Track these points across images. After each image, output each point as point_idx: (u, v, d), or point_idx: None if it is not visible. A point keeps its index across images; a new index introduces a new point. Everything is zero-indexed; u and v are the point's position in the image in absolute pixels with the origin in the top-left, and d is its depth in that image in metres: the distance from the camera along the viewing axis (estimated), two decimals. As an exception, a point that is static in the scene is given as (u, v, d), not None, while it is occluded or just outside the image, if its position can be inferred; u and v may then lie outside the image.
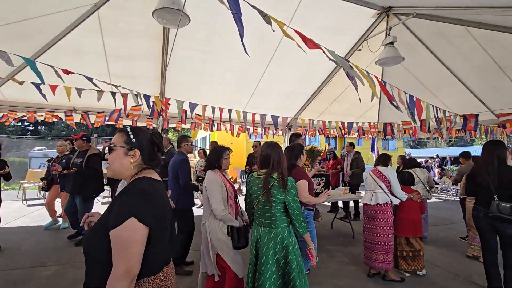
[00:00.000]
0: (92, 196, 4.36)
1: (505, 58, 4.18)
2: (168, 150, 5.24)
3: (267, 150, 2.13)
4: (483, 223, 2.91)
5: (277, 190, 2.01)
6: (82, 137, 4.37)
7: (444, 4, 3.33)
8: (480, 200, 2.97)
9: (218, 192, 2.37)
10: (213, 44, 4.52)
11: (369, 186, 3.54)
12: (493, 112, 5.48)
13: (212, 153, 2.65)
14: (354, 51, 4.97)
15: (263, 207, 2.07)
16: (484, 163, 2.93)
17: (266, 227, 2.07)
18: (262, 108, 6.41)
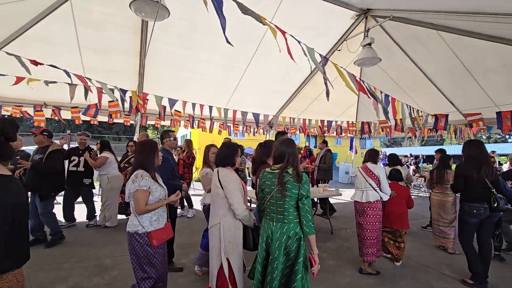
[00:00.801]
0: (50, 195, 4.07)
1: (472, 62, 4.44)
2: None
3: (283, 146, 2.11)
4: (481, 217, 3.14)
5: (292, 184, 2.01)
6: (42, 132, 4.07)
7: (418, 8, 3.48)
8: (476, 197, 3.15)
9: (238, 191, 2.30)
10: (194, 40, 4.43)
11: (359, 184, 3.62)
12: (461, 112, 5.82)
13: (226, 150, 2.50)
14: (334, 51, 5.07)
15: (276, 202, 2.05)
16: (479, 161, 3.13)
17: (279, 222, 2.05)
18: (243, 106, 6.39)
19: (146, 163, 2.20)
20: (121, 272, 3.24)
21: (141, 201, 2.07)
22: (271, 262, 2.01)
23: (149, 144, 2.32)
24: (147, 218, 2.13)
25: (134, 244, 2.10)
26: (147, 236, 2.10)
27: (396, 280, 3.33)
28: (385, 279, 3.32)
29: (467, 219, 3.23)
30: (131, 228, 2.12)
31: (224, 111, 5.65)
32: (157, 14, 2.56)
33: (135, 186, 2.07)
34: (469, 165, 3.21)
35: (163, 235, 2.21)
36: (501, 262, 3.99)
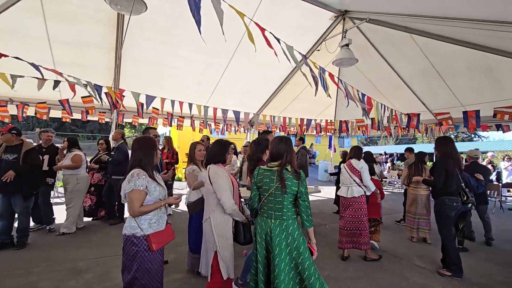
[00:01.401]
0: (31, 194, 3.91)
1: (441, 65, 4.71)
2: (118, 147, 4.87)
3: (280, 144, 2.15)
4: (458, 210, 3.39)
5: (291, 181, 2.04)
6: (10, 130, 3.83)
7: (392, 12, 3.63)
8: (453, 191, 3.37)
9: (227, 186, 2.32)
10: (173, 35, 4.34)
11: (344, 180, 3.84)
12: (431, 112, 6.15)
13: (217, 147, 2.50)
14: (314, 51, 5.17)
15: (275, 199, 2.07)
16: (456, 157, 3.38)
17: (277, 219, 2.07)
18: (224, 104, 6.35)
19: (144, 161, 2.06)
20: (96, 275, 3.12)
21: (136, 202, 1.92)
22: (273, 260, 2.02)
23: (147, 141, 2.17)
24: (146, 220, 2.00)
25: (130, 248, 1.96)
26: (145, 239, 1.96)
27: (371, 272, 3.47)
28: (361, 272, 3.44)
29: (448, 212, 3.39)
30: (128, 231, 1.97)
31: (204, 109, 5.58)
32: (134, 8, 2.48)
33: (130, 186, 1.93)
34: (448, 161, 3.38)
35: (163, 238, 2.07)
36: (465, 252, 4.26)
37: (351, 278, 3.26)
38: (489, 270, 3.62)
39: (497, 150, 24.23)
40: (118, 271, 3.22)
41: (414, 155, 5.03)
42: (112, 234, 4.53)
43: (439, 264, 3.61)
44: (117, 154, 4.79)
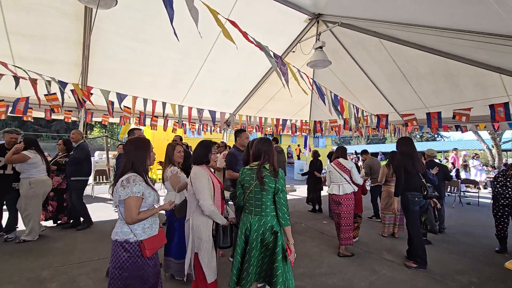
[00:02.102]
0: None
1: (407, 68, 4.99)
2: (79, 145, 4.62)
3: (259, 145, 2.29)
4: (420, 204, 3.67)
5: (269, 179, 2.16)
6: None
7: (363, 17, 3.78)
8: (415, 187, 3.64)
9: (206, 188, 2.27)
10: (146, 32, 4.20)
11: (335, 179, 4.07)
12: (398, 113, 6.50)
13: (200, 148, 2.47)
14: (289, 53, 5.25)
15: (255, 195, 2.19)
16: (415, 156, 3.65)
17: (257, 215, 2.19)
18: (200, 103, 6.26)
19: (137, 164, 1.96)
20: (61, 284, 2.93)
21: (134, 210, 1.86)
22: (249, 252, 2.15)
23: (141, 142, 2.06)
24: (140, 225, 1.94)
25: (121, 254, 1.86)
26: (138, 245, 1.89)
27: (344, 267, 3.60)
28: (334, 268, 3.56)
29: (411, 207, 3.64)
30: (120, 236, 1.88)
31: (178, 108, 5.45)
32: (103, 2, 2.36)
33: (126, 192, 1.84)
34: (405, 159, 3.67)
35: (156, 243, 2.01)
36: (429, 244, 4.57)
37: (325, 274, 3.36)
38: (449, 260, 3.90)
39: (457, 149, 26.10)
40: (87, 278, 3.08)
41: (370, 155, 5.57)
42: (79, 240, 4.29)
43: (403, 256, 3.84)
44: (76, 152, 4.51)
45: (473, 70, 4.25)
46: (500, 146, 16.31)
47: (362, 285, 3.15)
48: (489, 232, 5.04)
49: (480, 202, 8.29)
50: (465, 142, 27.20)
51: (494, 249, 4.31)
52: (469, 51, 3.85)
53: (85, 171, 4.75)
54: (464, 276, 3.41)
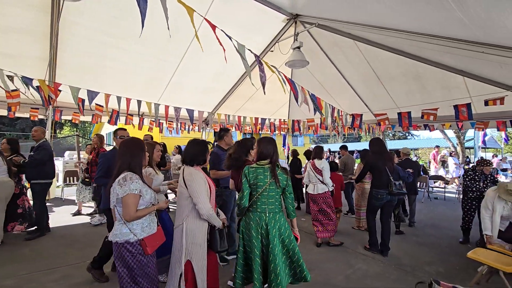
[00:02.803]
0: None
1: (380, 70, 5.20)
2: (40, 145, 4.29)
3: (268, 144, 2.38)
4: (385, 199, 3.94)
5: (281, 176, 2.31)
6: None
7: (338, 19, 3.89)
8: (381, 184, 3.92)
9: (203, 190, 2.20)
10: (120, 27, 4.03)
11: (311, 178, 4.36)
12: (372, 112, 6.76)
13: (194, 147, 2.36)
14: (267, 52, 5.28)
15: (269, 193, 2.28)
16: (384, 155, 3.99)
17: (271, 213, 2.28)
18: (177, 102, 6.12)
19: (133, 164, 1.99)
20: (28, 293, 2.76)
21: (132, 207, 1.89)
22: (272, 251, 2.20)
23: (135, 143, 2.08)
24: (139, 224, 1.97)
25: (125, 255, 1.91)
26: (139, 244, 1.94)
27: (321, 263, 3.69)
28: (312, 263, 3.64)
29: (373, 202, 4.03)
30: (120, 238, 1.91)
31: (154, 106, 5.30)
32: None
33: (124, 190, 1.87)
34: (377, 158, 3.99)
35: (156, 240, 2.06)
36: (401, 235, 4.84)
37: (303, 270, 3.42)
38: (419, 252, 4.13)
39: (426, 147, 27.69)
40: (56, 285, 2.91)
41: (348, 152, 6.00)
42: (47, 245, 4.06)
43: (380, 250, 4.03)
44: (38, 153, 4.17)
45: (440, 72, 4.51)
46: (464, 144, 17.51)
47: (338, 279, 3.25)
48: (454, 225, 5.39)
49: (446, 197, 8.85)
50: (433, 140, 28.89)
51: (458, 240, 4.62)
52: (436, 54, 4.08)
53: (48, 173, 4.37)
54: (432, 267, 3.62)
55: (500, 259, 2.87)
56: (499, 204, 3.22)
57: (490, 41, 2.91)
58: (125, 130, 3.29)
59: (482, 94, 4.54)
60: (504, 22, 2.57)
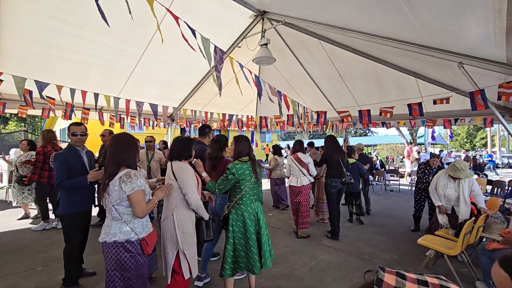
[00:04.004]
0: None
1: (343, 69, 5.43)
2: None
3: (246, 142, 2.64)
4: (338, 188, 4.47)
5: (259, 170, 2.67)
6: None
7: (304, 18, 3.97)
8: (335, 174, 4.48)
9: (192, 181, 2.31)
10: (73, 13, 3.68)
11: (294, 172, 4.61)
12: (336, 110, 7.05)
13: (180, 143, 2.44)
14: (235, 47, 5.22)
15: (253, 186, 2.57)
16: (337, 149, 4.61)
17: (257, 202, 2.63)
18: (140, 96, 5.81)
19: (129, 160, 1.94)
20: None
21: (143, 202, 1.90)
22: (263, 235, 2.53)
23: (129, 140, 2.02)
24: (140, 222, 1.95)
25: (122, 255, 1.84)
26: (139, 243, 1.91)
27: (287, 256, 3.79)
28: (277, 257, 3.72)
29: (330, 190, 4.49)
30: (119, 237, 1.84)
31: (114, 100, 4.98)
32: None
33: (132, 187, 1.83)
34: (332, 151, 4.57)
35: (154, 239, 2.07)
36: (361, 226, 5.16)
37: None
38: (376, 241, 4.43)
39: (384, 143, 29.73)
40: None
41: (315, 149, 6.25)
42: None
43: (340, 240, 4.28)
44: None
45: (396, 73, 4.84)
46: (416, 140, 19.14)
47: (302, 271, 3.37)
48: (406, 214, 5.87)
49: (401, 189, 9.60)
50: (390, 137, 31.10)
51: (410, 228, 5.05)
52: (392, 56, 4.37)
53: None
54: (387, 254, 3.91)
55: (444, 244, 3.19)
56: (442, 181, 3.79)
57: (438, 45, 3.18)
58: (81, 125, 3.02)
59: (431, 94, 4.96)
60: (449, 29, 2.83)
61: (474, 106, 3.70)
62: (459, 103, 5.03)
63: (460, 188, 3.63)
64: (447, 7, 2.49)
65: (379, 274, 0.57)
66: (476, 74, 3.39)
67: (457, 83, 4.36)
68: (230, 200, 2.59)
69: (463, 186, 3.61)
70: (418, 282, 0.52)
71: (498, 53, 2.87)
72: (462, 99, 4.63)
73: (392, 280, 0.54)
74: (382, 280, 0.55)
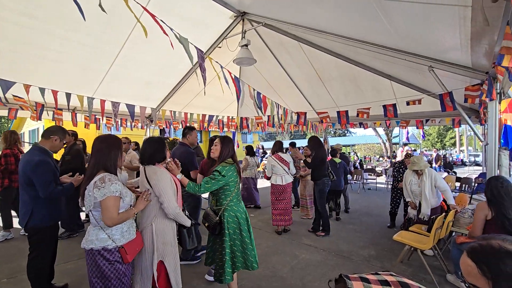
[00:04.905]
0: None
1: (322, 71, 5.55)
2: None
3: (230, 143, 2.67)
4: (328, 187, 4.73)
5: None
6: None
7: (284, 20, 4.01)
8: (325, 174, 4.73)
9: (169, 188, 2.14)
10: (45, 9, 3.48)
11: (277, 171, 4.78)
12: (315, 111, 7.19)
13: (151, 145, 2.26)
14: (215, 48, 5.18)
15: (239, 187, 2.64)
16: (324, 150, 4.83)
17: (241, 201, 2.70)
18: (116, 96, 5.61)
19: (109, 163, 1.83)
20: None
21: (114, 210, 1.75)
22: (252, 234, 2.65)
23: (112, 141, 1.92)
24: (118, 229, 1.84)
25: (101, 263, 1.75)
26: (118, 251, 1.80)
27: (268, 256, 3.81)
28: (259, 257, 3.72)
29: (323, 189, 4.66)
30: (96, 245, 1.75)
31: (88, 100, 4.77)
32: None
33: (103, 193, 1.71)
34: (323, 152, 4.67)
35: (136, 247, 1.94)
36: (340, 225, 5.30)
37: (251, 265, 3.48)
38: (354, 238, 4.56)
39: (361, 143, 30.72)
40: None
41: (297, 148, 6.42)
42: None
43: (320, 239, 4.35)
44: None
45: (371, 76, 5.02)
46: (391, 140, 19.94)
47: (284, 271, 3.39)
48: (383, 212, 6.09)
49: (378, 187, 9.95)
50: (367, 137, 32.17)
51: (386, 225, 5.24)
52: (368, 59, 4.52)
53: None
54: (365, 251, 4.03)
55: (418, 239, 3.34)
56: (408, 177, 4.08)
57: (410, 50, 3.34)
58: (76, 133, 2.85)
59: (404, 96, 5.19)
60: (420, 34, 2.97)
61: (443, 108, 3.92)
62: (430, 105, 5.30)
63: (422, 184, 3.86)
64: (419, 13, 2.61)
65: (348, 284, 0.59)
66: (445, 78, 3.59)
67: (428, 85, 4.60)
68: (220, 204, 2.52)
69: (424, 182, 3.84)
70: (380, 283, 0.55)
71: (464, 57, 3.06)
72: (432, 100, 4.88)
73: (361, 287, 0.56)
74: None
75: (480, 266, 0.83)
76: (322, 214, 4.69)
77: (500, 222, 2.41)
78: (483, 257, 0.84)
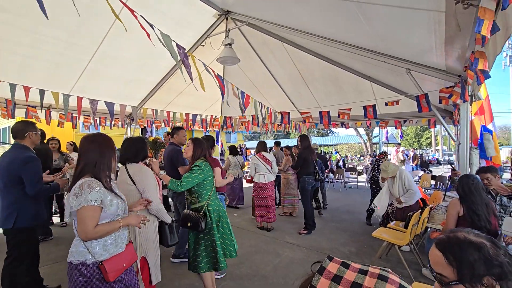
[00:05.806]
0: None
1: (305, 71, 5.62)
2: None
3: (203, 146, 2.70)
4: (312, 185, 4.84)
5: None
6: None
7: (267, 19, 4.02)
8: (310, 172, 4.83)
9: (152, 185, 2.21)
10: (16, 3, 3.30)
11: (260, 169, 4.91)
12: (298, 111, 7.27)
13: (132, 144, 2.31)
14: (198, 46, 5.11)
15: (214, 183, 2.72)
16: (311, 148, 4.98)
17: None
18: (94, 94, 5.40)
19: (99, 165, 1.59)
20: None
21: (89, 222, 1.48)
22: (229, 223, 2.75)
23: (104, 140, 1.68)
24: (100, 242, 1.56)
25: (77, 279, 1.49)
26: (97, 267, 1.52)
27: (251, 255, 3.82)
28: (242, 257, 3.73)
29: (306, 187, 4.80)
30: (75, 258, 1.52)
31: (64, 97, 4.56)
32: None
33: (79, 202, 1.47)
34: (308, 152, 4.83)
35: (123, 262, 1.62)
36: (322, 223, 5.40)
37: (234, 265, 3.47)
38: (336, 236, 4.66)
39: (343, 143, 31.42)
40: None
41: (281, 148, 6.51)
42: None
43: (302, 237, 4.39)
44: None
45: (352, 77, 5.14)
46: (372, 139, 20.56)
47: (267, 269, 3.41)
48: (364, 209, 6.25)
49: (358, 186, 10.22)
50: (349, 137, 32.97)
51: (366, 222, 5.39)
52: (349, 60, 4.63)
53: None
54: (345, 247, 4.13)
55: (396, 235, 3.46)
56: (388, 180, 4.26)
57: (389, 52, 3.45)
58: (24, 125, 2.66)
59: (384, 97, 5.35)
60: (398, 37, 3.08)
61: (420, 109, 4.08)
62: (407, 106, 5.50)
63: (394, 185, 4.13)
64: (397, 17, 2.70)
65: (324, 263, 0.59)
66: (421, 80, 3.74)
67: (406, 87, 4.77)
68: (203, 199, 2.59)
69: (395, 184, 4.11)
70: (359, 271, 0.55)
71: (439, 61, 3.20)
72: (410, 102, 5.07)
73: (334, 269, 0.56)
74: (325, 268, 0.57)
75: (447, 255, 0.89)
76: (305, 211, 4.79)
77: (470, 218, 2.54)
78: (449, 247, 0.90)
